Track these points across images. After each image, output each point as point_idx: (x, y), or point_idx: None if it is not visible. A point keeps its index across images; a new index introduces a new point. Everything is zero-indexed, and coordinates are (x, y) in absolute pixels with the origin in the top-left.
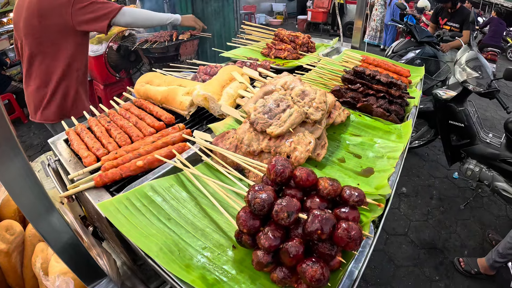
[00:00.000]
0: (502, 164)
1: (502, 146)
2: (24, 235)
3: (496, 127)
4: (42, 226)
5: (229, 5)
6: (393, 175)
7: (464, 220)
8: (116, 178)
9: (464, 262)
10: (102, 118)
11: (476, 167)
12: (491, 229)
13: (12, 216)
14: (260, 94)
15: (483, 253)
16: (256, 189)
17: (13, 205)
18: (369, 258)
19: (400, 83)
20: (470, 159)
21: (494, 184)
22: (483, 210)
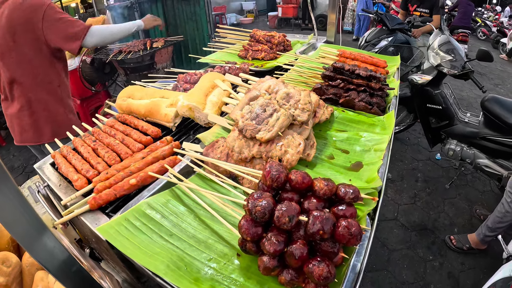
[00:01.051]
0: (482, 141)
1: (480, 124)
2: (21, 265)
3: (472, 105)
4: (40, 254)
5: (200, 9)
6: (382, 167)
7: (451, 199)
8: (111, 199)
9: (455, 239)
10: (87, 138)
11: (457, 146)
12: (478, 205)
13: (6, 247)
14: (246, 101)
15: (473, 228)
16: (255, 197)
17: (6, 236)
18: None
19: (380, 76)
20: (451, 140)
21: (476, 161)
22: (468, 187)
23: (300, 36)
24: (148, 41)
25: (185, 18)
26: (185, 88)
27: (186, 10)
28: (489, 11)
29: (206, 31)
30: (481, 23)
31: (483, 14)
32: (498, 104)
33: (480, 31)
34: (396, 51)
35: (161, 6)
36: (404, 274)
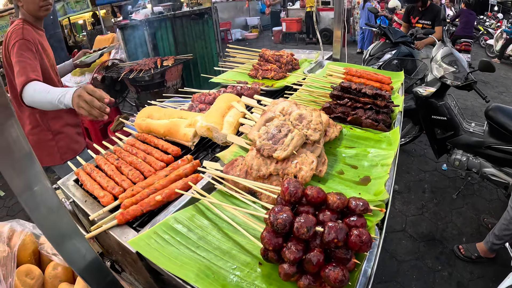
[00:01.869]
0: (487, 151)
1: (485, 134)
2: (44, 278)
3: (477, 114)
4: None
5: (209, 27)
6: (389, 181)
7: (458, 208)
8: (138, 214)
9: (463, 248)
10: (109, 156)
11: (463, 156)
12: (485, 214)
13: (28, 260)
14: (262, 122)
15: (481, 237)
16: (276, 211)
17: (29, 249)
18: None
19: (385, 93)
20: (457, 150)
21: (482, 170)
22: (475, 196)
23: (306, 51)
24: (159, 60)
25: (194, 37)
26: (200, 108)
27: (195, 29)
28: (491, 19)
29: (215, 49)
30: (484, 31)
31: (485, 22)
32: (502, 113)
33: (483, 39)
34: (400, 64)
35: (170, 25)
36: (413, 285)
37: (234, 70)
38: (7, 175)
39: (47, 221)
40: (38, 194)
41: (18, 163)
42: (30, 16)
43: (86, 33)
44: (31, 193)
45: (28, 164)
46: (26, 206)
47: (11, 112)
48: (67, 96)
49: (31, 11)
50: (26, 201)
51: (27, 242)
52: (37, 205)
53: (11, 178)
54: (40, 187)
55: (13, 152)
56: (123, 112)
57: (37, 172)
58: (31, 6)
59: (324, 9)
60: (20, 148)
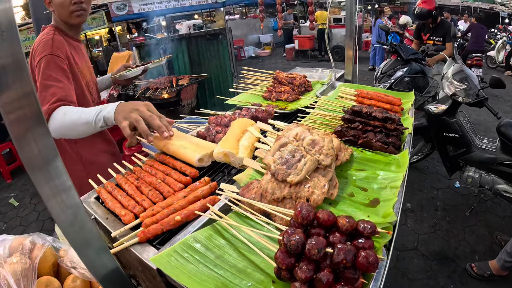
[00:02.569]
0: (500, 167)
1: (497, 150)
2: None
3: (490, 129)
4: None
5: (223, 47)
6: (397, 203)
7: (471, 226)
8: (158, 233)
9: (476, 266)
10: (129, 176)
11: (476, 173)
12: (498, 231)
13: (48, 272)
14: (277, 147)
15: (494, 255)
16: (289, 233)
17: (49, 262)
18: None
19: (394, 117)
20: (469, 167)
21: (495, 187)
22: (488, 213)
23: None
24: (174, 79)
25: (208, 56)
26: (217, 131)
27: (209, 49)
28: (502, 31)
29: (229, 69)
30: (495, 44)
31: (496, 35)
32: None
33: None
34: (411, 81)
35: (186, 44)
36: None
37: (249, 92)
38: (36, 181)
39: (71, 228)
40: (64, 202)
41: (48, 169)
42: (63, 23)
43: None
44: (57, 200)
45: (56, 172)
46: (53, 212)
47: (42, 120)
48: (108, 109)
49: (62, 17)
50: (52, 207)
51: (47, 255)
52: (63, 212)
53: (40, 184)
54: (67, 195)
55: (43, 159)
56: None
57: (64, 180)
58: (62, 11)
59: (336, 26)
60: (49, 155)
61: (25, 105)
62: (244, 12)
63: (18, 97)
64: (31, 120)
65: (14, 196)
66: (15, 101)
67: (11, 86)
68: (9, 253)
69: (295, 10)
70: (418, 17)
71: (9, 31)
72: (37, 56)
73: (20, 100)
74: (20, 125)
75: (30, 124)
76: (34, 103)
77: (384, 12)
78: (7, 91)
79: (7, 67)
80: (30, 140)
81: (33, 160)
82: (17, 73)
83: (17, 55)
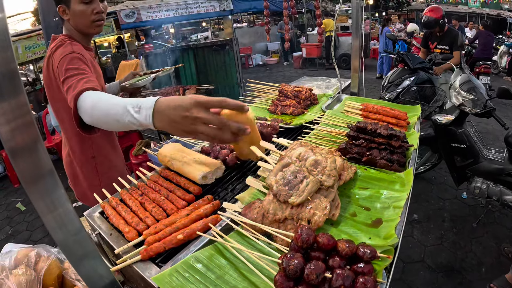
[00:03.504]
0: (508, 178)
1: (505, 161)
2: None
3: (499, 139)
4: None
5: (230, 58)
6: (399, 224)
7: (478, 237)
8: (160, 251)
9: (496, 286)
10: (133, 192)
11: (483, 184)
12: (506, 242)
13: (52, 283)
14: (279, 168)
15: (501, 267)
16: (288, 257)
17: (54, 274)
18: None
19: (399, 134)
20: (477, 178)
21: (503, 198)
22: (496, 224)
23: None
24: (181, 89)
25: (215, 67)
26: (221, 147)
27: (216, 59)
28: (510, 38)
29: (236, 79)
30: None
31: (504, 41)
32: None
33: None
34: (418, 91)
35: (192, 54)
36: None
37: (254, 104)
38: (32, 197)
39: (68, 242)
40: (60, 216)
41: (43, 185)
42: (77, 33)
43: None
44: (54, 215)
45: (52, 186)
46: (48, 226)
47: (35, 132)
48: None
49: (80, 26)
50: (48, 222)
51: (52, 267)
52: (59, 226)
53: (36, 200)
54: (63, 210)
55: (38, 174)
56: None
57: (60, 194)
58: (81, 20)
59: (344, 34)
60: (44, 170)
61: (19, 116)
62: (252, 20)
63: (11, 108)
64: (25, 133)
65: (21, 200)
66: (9, 113)
67: (4, 96)
68: (15, 264)
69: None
70: (425, 26)
71: (1, 41)
72: (56, 59)
73: (14, 111)
74: (14, 138)
75: (25, 137)
76: (27, 114)
77: (391, 20)
78: (1, 102)
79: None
80: (25, 153)
81: (28, 173)
82: (10, 84)
83: (10, 64)
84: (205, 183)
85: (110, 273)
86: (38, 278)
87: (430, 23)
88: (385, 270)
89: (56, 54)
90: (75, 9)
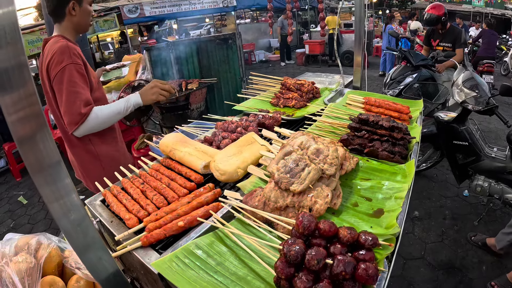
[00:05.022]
0: (509, 176)
1: (507, 159)
2: None
3: (501, 138)
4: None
5: (233, 52)
6: (401, 214)
7: None
8: (161, 238)
9: (497, 284)
10: (135, 180)
11: (485, 182)
12: (471, 231)
13: (53, 272)
14: (281, 156)
15: (501, 266)
16: (289, 243)
17: (54, 262)
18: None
19: (401, 126)
20: (478, 175)
21: (504, 196)
22: (497, 223)
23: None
24: (184, 83)
25: (218, 61)
26: (223, 136)
27: (219, 53)
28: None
29: (238, 73)
30: (507, 50)
31: (508, 41)
32: None
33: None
34: (421, 88)
35: (195, 48)
36: None
37: (257, 97)
38: (39, 184)
39: (73, 231)
40: (66, 205)
41: (50, 173)
42: (72, 31)
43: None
44: (60, 203)
45: (59, 175)
46: (54, 215)
47: (43, 122)
48: (133, 98)
49: (81, 24)
50: (54, 211)
51: (52, 255)
52: (65, 215)
53: (42, 187)
54: (69, 199)
55: (45, 163)
56: (147, 130)
57: (67, 183)
58: (85, 19)
59: (347, 31)
60: (52, 159)
61: (28, 107)
62: (255, 16)
63: (20, 99)
64: (33, 122)
65: (23, 194)
66: (18, 103)
67: (14, 88)
68: (15, 252)
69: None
70: (427, 23)
71: (12, 33)
72: (56, 65)
73: (23, 101)
74: (23, 127)
75: (33, 126)
76: (36, 105)
77: (394, 18)
78: (10, 93)
79: (10, 70)
80: (33, 143)
81: (36, 162)
82: (20, 75)
83: (20, 57)
84: (206, 173)
85: (114, 263)
86: (38, 265)
87: (432, 20)
88: (386, 259)
89: (58, 59)
90: (86, 8)
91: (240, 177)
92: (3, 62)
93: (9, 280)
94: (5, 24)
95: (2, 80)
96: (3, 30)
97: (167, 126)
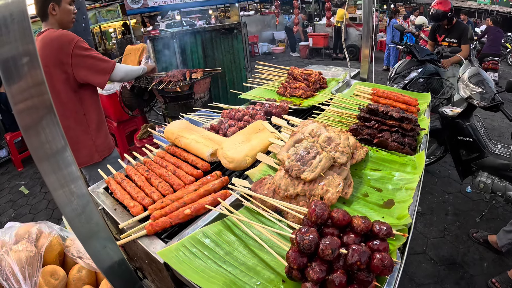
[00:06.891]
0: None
1: (511, 156)
2: (68, 279)
3: (504, 135)
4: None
5: (238, 42)
6: (412, 205)
7: None
8: (167, 226)
9: (498, 282)
10: (139, 167)
11: (488, 179)
12: (472, 228)
13: (54, 261)
14: (291, 143)
15: (503, 262)
16: (302, 232)
17: (55, 251)
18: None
19: (411, 117)
20: (482, 172)
21: (507, 194)
22: (499, 220)
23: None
24: (188, 72)
25: (222, 51)
26: (230, 124)
27: (224, 43)
28: None
29: (243, 63)
30: (511, 48)
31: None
32: None
33: (510, 56)
34: (426, 82)
35: (200, 38)
36: None
37: (263, 87)
38: (43, 171)
39: (77, 218)
40: (71, 192)
41: (56, 160)
42: (58, 28)
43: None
44: (64, 190)
45: (65, 161)
46: (58, 202)
47: (52, 109)
48: (142, 68)
49: (63, 22)
50: (58, 198)
51: (54, 244)
52: (70, 202)
53: (47, 174)
54: (74, 185)
55: (51, 149)
56: (150, 120)
57: (73, 170)
58: (66, 17)
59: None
60: (58, 145)
61: (36, 95)
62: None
63: (28, 87)
64: (41, 110)
65: (24, 184)
66: (26, 91)
67: (22, 76)
68: (15, 240)
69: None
70: (433, 18)
71: (20, 21)
72: (70, 43)
73: (31, 90)
74: (30, 115)
75: (40, 114)
76: (45, 93)
77: (399, 12)
78: (18, 81)
79: (18, 57)
80: (39, 130)
81: (42, 150)
82: (28, 63)
83: (28, 45)
84: (213, 160)
85: (119, 251)
86: (38, 254)
87: (438, 16)
88: (399, 250)
89: (65, 38)
90: (65, 7)
91: (249, 165)
92: (11, 51)
93: (9, 269)
94: (14, 11)
95: (9, 69)
96: (11, 17)
97: (171, 116)
